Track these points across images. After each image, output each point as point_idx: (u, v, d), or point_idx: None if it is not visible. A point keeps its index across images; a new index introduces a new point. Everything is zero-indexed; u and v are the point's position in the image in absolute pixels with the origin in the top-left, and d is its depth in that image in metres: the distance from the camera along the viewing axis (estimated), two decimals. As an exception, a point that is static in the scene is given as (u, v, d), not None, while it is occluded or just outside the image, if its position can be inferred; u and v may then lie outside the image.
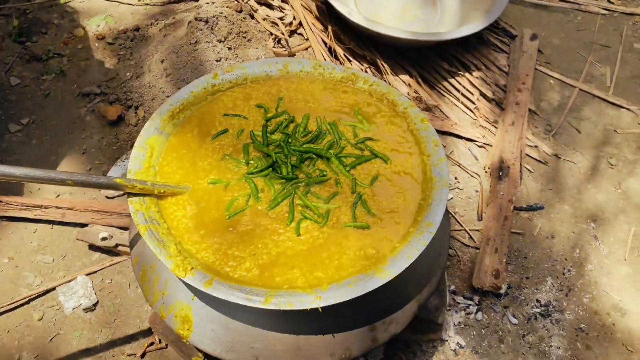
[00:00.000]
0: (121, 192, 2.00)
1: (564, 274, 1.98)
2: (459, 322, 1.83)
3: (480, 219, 2.11)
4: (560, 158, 2.32)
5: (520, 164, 2.22)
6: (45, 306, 1.83)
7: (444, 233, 1.47)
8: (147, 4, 2.86)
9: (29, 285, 1.88)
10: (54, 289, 1.86)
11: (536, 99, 2.54)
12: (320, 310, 1.10)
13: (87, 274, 1.90)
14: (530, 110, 2.46)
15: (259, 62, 1.58)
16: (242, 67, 1.56)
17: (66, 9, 2.86)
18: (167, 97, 2.20)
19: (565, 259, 2.02)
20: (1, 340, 1.76)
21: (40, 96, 2.45)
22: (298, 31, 2.70)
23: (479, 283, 1.84)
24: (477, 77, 2.55)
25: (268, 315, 1.22)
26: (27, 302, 1.84)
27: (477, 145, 2.35)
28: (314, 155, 1.38)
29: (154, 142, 1.38)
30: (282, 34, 2.56)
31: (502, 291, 1.89)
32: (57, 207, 2.01)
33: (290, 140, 1.42)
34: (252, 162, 1.37)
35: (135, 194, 1.25)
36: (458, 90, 2.52)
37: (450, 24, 2.72)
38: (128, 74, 2.51)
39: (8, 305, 1.82)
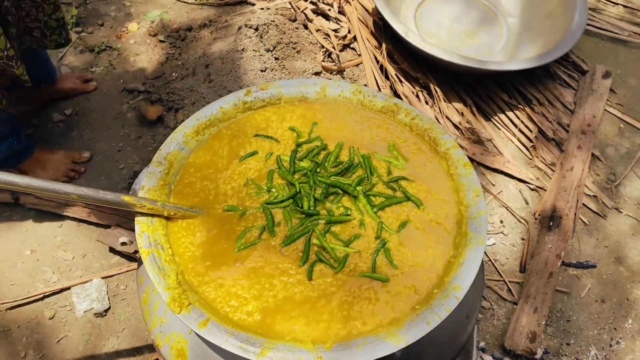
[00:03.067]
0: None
1: (611, 345, 1.78)
2: (485, 384, 1.67)
3: (522, 270, 1.93)
4: (621, 213, 2.11)
5: (575, 215, 2.02)
6: (58, 305, 1.82)
7: (476, 293, 1.32)
8: (203, 4, 2.83)
9: (45, 281, 1.86)
10: (69, 288, 1.85)
11: (601, 144, 2.32)
12: (319, 372, 0.99)
13: (103, 277, 1.87)
14: (593, 155, 2.25)
15: (295, 82, 1.49)
16: (277, 86, 1.47)
17: (124, 2, 2.88)
18: (207, 103, 2.15)
19: (615, 329, 1.82)
20: (11, 334, 1.75)
21: (86, 89, 2.46)
22: (351, 45, 2.59)
23: (511, 345, 1.68)
24: (537, 113, 2.37)
25: (266, 365, 1.12)
26: (42, 299, 1.83)
27: (530, 188, 2.17)
28: (340, 191, 1.28)
29: (173, 158, 1.31)
30: (334, 47, 2.47)
31: (537, 356, 1.71)
32: (84, 206, 2.00)
33: (318, 170, 1.32)
34: (274, 190, 1.28)
35: (143, 214, 1.18)
36: (515, 125, 2.35)
37: (515, 51, 2.54)
38: (174, 74, 2.49)
39: (23, 299, 1.81)
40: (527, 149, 2.29)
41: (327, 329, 1.06)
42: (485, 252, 1.98)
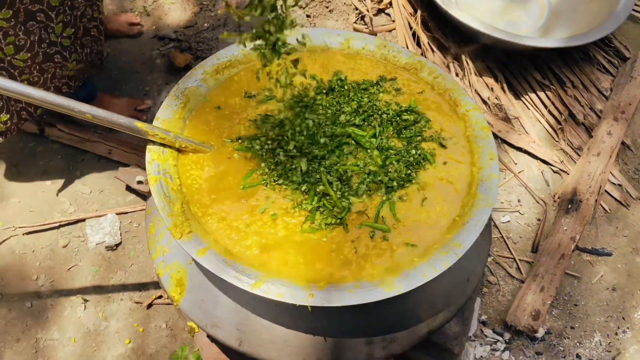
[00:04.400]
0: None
1: (617, 334, 1.74)
2: (482, 356, 1.66)
3: (534, 250, 1.90)
4: (646, 204, 2.04)
5: (596, 201, 1.97)
6: (72, 235, 1.87)
7: (479, 258, 1.31)
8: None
9: (63, 212, 1.92)
10: (84, 220, 1.89)
11: (634, 133, 2.25)
12: (310, 309, 1.00)
13: (117, 213, 1.91)
14: (623, 143, 2.18)
15: (320, 31, 1.47)
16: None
17: (164, -50, 2.87)
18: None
19: (623, 318, 1.78)
20: (26, 258, 1.81)
21: (119, 31, 2.48)
22: (386, 11, 2.54)
23: (513, 320, 1.66)
24: (570, 96, 2.29)
25: (260, 300, 1.13)
26: (57, 227, 1.88)
27: (552, 170, 2.12)
28: (353, 142, 1.26)
29: (190, 94, 1.32)
30: (368, 10, 2.42)
31: (539, 335, 1.69)
32: (105, 143, 2.03)
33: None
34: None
35: (155, 143, 1.20)
36: (545, 106, 2.28)
37: (556, 30, 2.45)
38: (206, 24, 2.49)
39: (40, 225, 1.87)
40: (555, 131, 2.22)
41: (322, 271, 1.06)
42: (497, 228, 1.95)
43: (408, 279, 1.03)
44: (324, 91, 1.35)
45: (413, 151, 1.25)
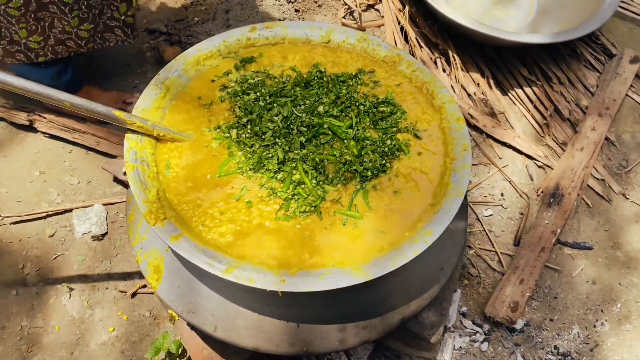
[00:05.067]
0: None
1: (595, 326, 1.76)
2: (460, 347, 1.68)
3: (516, 244, 1.91)
4: (628, 199, 2.06)
5: (578, 195, 1.99)
6: (59, 225, 1.88)
7: (454, 248, 1.32)
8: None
9: (50, 202, 1.93)
10: (71, 210, 1.91)
11: (618, 129, 2.26)
12: (280, 294, 1.02)
13: (104, 204, 1.92)
14: (607, 139, 2.19)
15: (302, 24, 1.48)
16: (282, 26, 1.47)
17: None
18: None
19: (602, 311, 1.80)
20: (12, 247, 1.83)
21: (109, 24, 2.50)
22: (375, 6, 2.56)
23: (491, 312, 1.68)
24: (556, 92, 2.31)
25: (234, 286, 1.14)
26: (44, 217, 1.90)
27: (537, 165, 2.14)
28: (330, 132, 1.28)
29: (170, 84, 1.34)
30: (357, 6, 2.44)
31: (517, 327, 1.71)
32: (94, 135, 2.05)
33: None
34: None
35: (134, 131, 1.21)
36: (531, 101, 2.30)
37: (544, 27, 2.47)
38: (196, 18, 2.50)
39: (27, 215, 1.88)
40: (540, 126, 2.24)
41: (295, 257, 1.08)
42: (480, 222, 1.97)
43: (378, 265, 1.05)
44: (303, 83, 1.37)
45: (388, 142, 1.26)
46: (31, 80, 1.06)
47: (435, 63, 2.35)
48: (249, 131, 1.26)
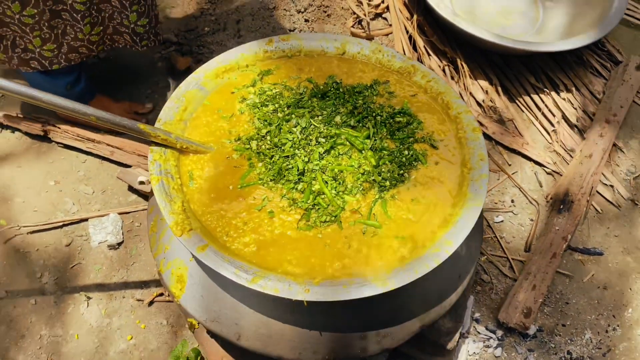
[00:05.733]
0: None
1: (607, 331, 1.78)
2: (474, 352, 1.70)
3: (527, 250, 1.94)
4: (637, 205, 2.08)
5: (588, 201, 2.01)
6: (75, 234, 1.91)
7: (470, 257, 1.35)
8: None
9: (66, 211, 1.96)
10: (86, 219, 1.93)
11: (626, 135, 2.28)
12: (305, 304, 1.04)
13: (119, 213, 1.95)
14: (615, 146, 2.22)
15: (317, 35, 1.51)
16: (298, 38, 1.50)
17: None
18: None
19: (614, 316, 1.81)
20: (30, 256, 1.85)
21: (121, 35, 2.53)
22: (383, 15, 2.59)
23: (505, 318, 1.70)
24: (563, 99, 2.33)
25: (258, 296, 1.17)
26: (61, 227, 1.92)
27: (546, 172, 2.16)
28: (347, 142, 1.30)
29: (191, 97, 1.36)
30: (365, 15, 2.47)
31: (530, 332, 1.73)
32: (108, 145, 2.07)
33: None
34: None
35: (157, 144, 1.24)
36: (539, 109, 2.32)
37: (550, 34, 2.49)
38: (207, 28, 2.53)
39: (44, 225, 1.90)
40: (548, 133, 2.26)
41: (318, 267, 1.11)
42: (491, 228, 1.99)
43: (400, 275, 1.07)
44: (319, 94, 1.39)
45: (406, 152, 1.29)
46: (44, 91, 1.08)
47: (444, 71, 2.38)
48: (269, 142, 1.29)
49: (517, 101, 2.35)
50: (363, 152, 1.28)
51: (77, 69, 1.98)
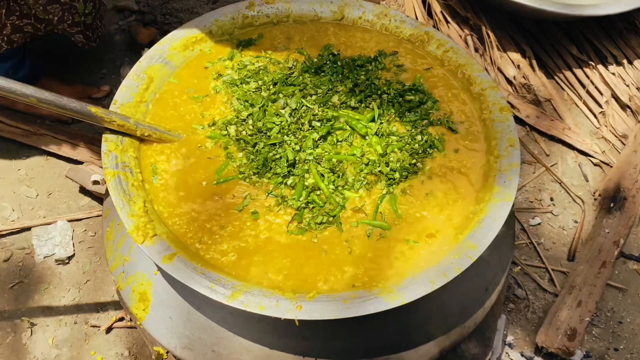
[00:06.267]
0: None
1: (669, 356, 1.79)
2: (508, 384, 1.70)
3: (571, 259, 1.94)
4: None
5: (644, 198, 2.02)
6: (16, 247, 1.91)
7: (500, 265, 1.35)
8: None
9: (3, 219, 1.96)
10: (29, 229, 1.93)
11: (690, 117, 2.30)
12: (297, 324, 1.04)
13: (69, 220, 1.95)
14: (677, 129, 2.23)
15: (309, -2, 1.51)
16: (286, 0, 1.50)
17: None
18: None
19: (677, 338, 1.82)
20: (-41, 274, 1.85)
21: (69, 3, 2.53)
22: (391, -25, 2.60)
23: (544, 341, 1.70)
24: (613, 73, 2.35)
25: (239, 315, 1.17)
26: (-3, 238, 1.92)
27: (592, 162, 2.17)
28: (347, 127, 1.31)
29: (154, 73, 1.36)
30: (369, -26, 2.47)
31: (576, 358, 1.73)
32: (54, 137, 2.07)
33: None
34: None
35: (113, 131, 1.24)
36: (583, 86, 2.34)
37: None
38: (174, -7, 2.54)
39: (-25, 236, 1.91)
40: (595, 116, 2.28)
41: (312, 278, 1.10)
42: (526, 232, 2.00)
43: (412, 286, 1.07)
44: (313, 69, 1.39)
45: (419, 137, 1.29)
46: None
47: (466, 41, 2.39)
48: (251, 127, 1.29)
49: (555, 77, 2.37)
50: (367, 138, 1.29)
51: (20, 50, 1.98)
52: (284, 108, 1.31)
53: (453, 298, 1.24)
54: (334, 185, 1.22)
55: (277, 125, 1.28)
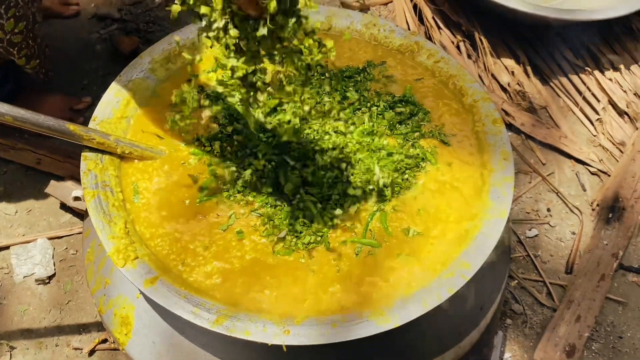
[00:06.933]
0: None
1: (672, 371, 1.79)
2: (506, 403, 1.70)
3: (569, 271, 1.94)
4: None
5: (644, 208, 2.02)
6: (-7, 266, 1.89)
7: (495, 283, 1.35)
8: None
9: (-19, 237, 1.94)
10: (8, 247, 1.91)
11: (689, 123, 2.31)
12: (284, 349, 1.03)
13: (50, 238, 1.93)
14: (675, 136, 2.24)
15: (295, 7, 1.51)
16: (271, 11, 1.50)
17: None
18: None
19: (680, 352, 1.82)
20: None
21: (49, 11, 2.52)
22: (381, -20, 2.61)
23: (543, 358, 1.70)
24: (610, 79, 2.36)
25: (224, 341, 1.16)
26: (-26, 258, 1.90)
27: (590, 171, 2.17)
28: (333, 133, 1.30)
29: (136, 87, 1.36)
30: (358, -21, 2.48)
31: (575, 376, 1.73)
32: (34, 152, 2.06)
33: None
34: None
35: (92, 149, 1.23)
36: (579, 92, 2.35)
37: (589, 0, 2.52)
38: (157, 0, 2.53)
39: (-48, 255, 1.89)
40: (592, 123, 2.28)
41: (300, 300, 1.10)
42: (523, 245, 2.00)
43: (404, 308, 1.06)
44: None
45: (410, 150, 1.29)
46: None
47: (458, 48, 2.40)
48: (236, 144, 1.28)
49: (551, 83, 2.37)
50: (357, 152, 1.28)
51: (2, 68, 1.97)
52: (270, 124, 1.30)
53: (447, 318, 1.24)
54: (322, 203, 1.21)
55: (264, 141, 1.27)
